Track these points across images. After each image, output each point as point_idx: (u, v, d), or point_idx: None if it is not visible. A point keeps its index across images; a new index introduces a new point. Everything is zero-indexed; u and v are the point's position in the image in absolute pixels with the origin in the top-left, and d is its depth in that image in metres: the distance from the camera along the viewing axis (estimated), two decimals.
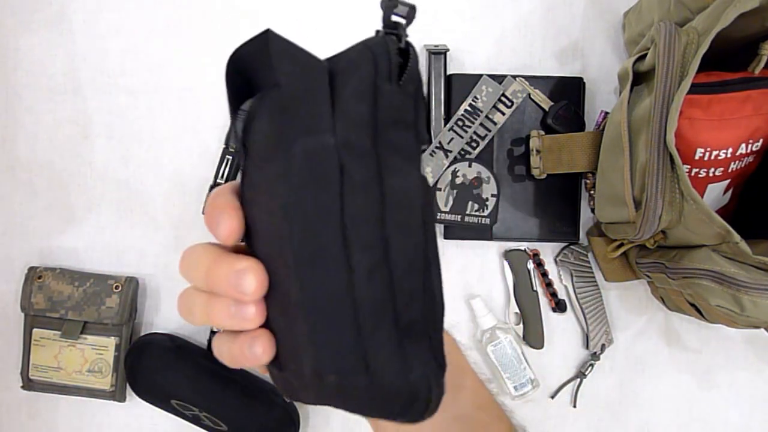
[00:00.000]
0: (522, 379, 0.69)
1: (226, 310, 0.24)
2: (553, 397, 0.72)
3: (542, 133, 0.67)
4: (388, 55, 0.24)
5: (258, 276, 0.24)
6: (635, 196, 0.55)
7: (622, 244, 0.63)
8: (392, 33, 0.25)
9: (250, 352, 0.25)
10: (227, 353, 0.26)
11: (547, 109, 0.68)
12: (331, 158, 0.23)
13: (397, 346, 0.24)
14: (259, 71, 0.25)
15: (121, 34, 0.72)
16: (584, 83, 0.70)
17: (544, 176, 0.68)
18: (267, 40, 0.23)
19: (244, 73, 0.26)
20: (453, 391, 0.32)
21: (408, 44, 0.25)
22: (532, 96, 0.68)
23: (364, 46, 0.24)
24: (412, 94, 0.25)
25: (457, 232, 0.70)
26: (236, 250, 0.27)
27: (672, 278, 0.57)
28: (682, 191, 0.51)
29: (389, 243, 0.23)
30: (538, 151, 0.67)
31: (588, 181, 0.69)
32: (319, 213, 0.23)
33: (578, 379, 0.71)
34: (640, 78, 0.58)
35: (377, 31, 0.25)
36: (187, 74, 0.72)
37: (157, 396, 0.67)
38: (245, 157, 0.25)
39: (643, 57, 0.56)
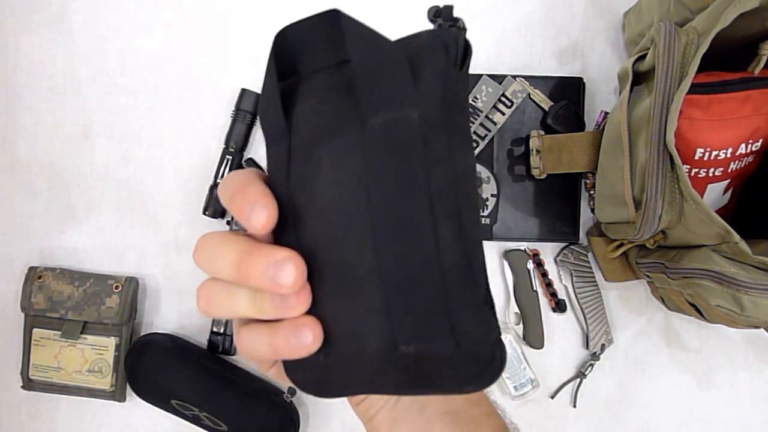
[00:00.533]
0: (522, 379, 0.70)
1: (270, 301, 0.24)
2: (553, 397, 0.72)
3: (542, 133, 0.67)
4: (457, 44, 0.26)
5: (298, 266, 0.23)
6: (635, 196, 0.55)
7: (622, 244, 0.63)
8: (454, 26, 0.26)
9: (298, 342, 0.24)
10: (266, 346, 0.25)
11: (547, 109, 0.68)
12: (415, 131, 0.23)
13: (479, 310, 0.25)
14: (307, 51, 0.26)
15: (121, 34, 0.72)
16: (584, 83, 0.70)
17: (544, 176, 0.68)
18: (333, 18, 0.25)
19: (290, 51, 0.26)
20: None
21: (467, 39, 0.26)
22: (531, 96, 0.68)
23: (434, 34, 0.26)
24: (467, 84, 0.26)
25: None
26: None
27: (672, 278, 0.57)
28: (682, 191, 0.51)
29: (461, 215, 0.24)
30: (537, 151, 0.67)
31: (588, 181, 0.69)
32: (405, 182, 0.23)
33: (578, 379, 0.71)
34: (640, 78, 0.58)
35: (439, 25, 0.27)
36: (187, 74, 0.72)
37: (157, 396, 0.67)
38: (290, 137, 0.26)
39: (643, 57, 0.56)
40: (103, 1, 0.72)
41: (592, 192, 0.69)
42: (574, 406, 0.72)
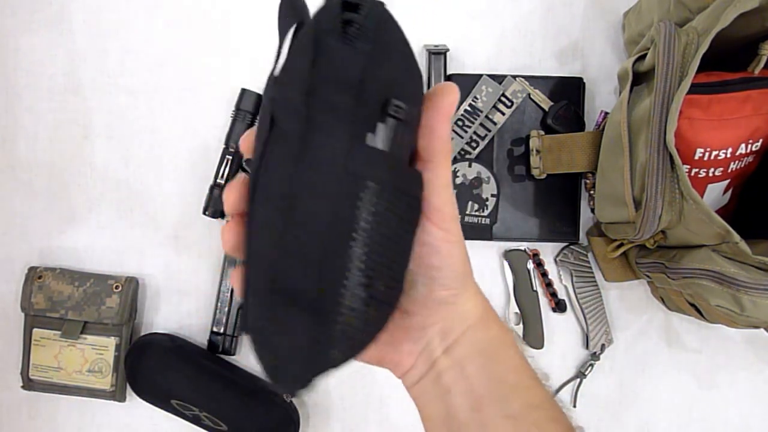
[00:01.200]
0: None
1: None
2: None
3: (542, 133, 0.67)
4: (329, 7, 0.24)
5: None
6: (635, 196, 0.55)
7: (622, 244, 0.63)
8: None
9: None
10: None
11: (546, 109, 0.68)
12: (266, 111, 0.25)
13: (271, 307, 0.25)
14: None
15: (121, 34, 0.72)
16: (584, 83, 0.70)
17: (543, 176, 0.68)
18: None
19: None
20: (504, 389, 0.31)
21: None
22: (532, 96, 0.68)
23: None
24: (366, 52, 0.24)
25: None
26: None
27: (672, 278, 0.57)
28: (682, 191, 0.51)
29: (296, 198, 0.24)
30: (537, 151, 0.67)
31: (588, 181, 0.69)
32: (255, 158, 0.25)
33: (578, 379, 0.71)
34: (640, 78, 0.58)
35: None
36: (187, 74, 0.72)
37: (157, 396, 0.67)
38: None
39: (642, 57, 0.56)
40: (103, 1, 0.72)
41: (592, 192, 0.69)
42: (574, 406, 0.72)
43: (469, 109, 0.68)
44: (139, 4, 0.72)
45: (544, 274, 0.71)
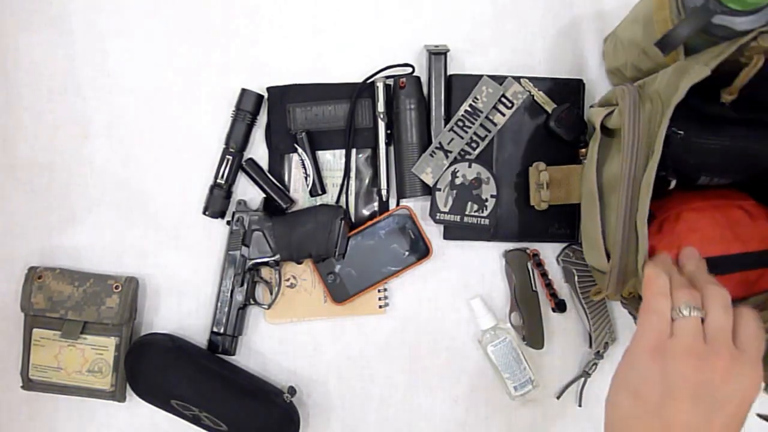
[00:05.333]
0: (522, 379, 0.70)
1: None
2: (558, 398, 0.72)
3: (542, 166, 0.66)
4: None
5: None
6: (608, 249, 0.54)
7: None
8: None
9: None
10: None
11: (549, 111, 0.68)
12: None
13: None
14: None
15: (121, 34, 0.72)
16: (584, 84, 0.70)
17: (545, 207, 0.67)
18: None
19: None
20: None
21: None
22: (535, 97, 0.68)
23: None
24: None
25: (456, 232, 0.70)
26: None
27: None
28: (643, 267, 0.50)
29: None
30: (540, 185, 0.65)
31: None
32: None
33: (582, 379, 0.71)
34: (610, 132, 0.57)
35: None
36: (187, 74, 0.72)
37: (157, 396, 0.67)
38: None
39: (611, 113, 0.55)
40: (103, 1, 0.72)
41: None
42: (580, 406, 0.72)
43: (469, 109, 0.68)
44: (139, 4, 0.72)
45: (544, 274, 0.71)
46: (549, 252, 0.72)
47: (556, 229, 0.69)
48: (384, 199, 0.71)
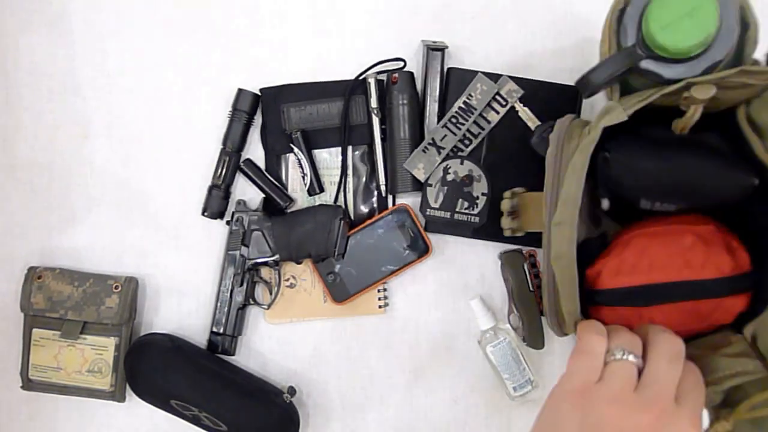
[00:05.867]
0: (522, 380, 0.69)
1: None
2: None
3: (515, 192, 0.64)
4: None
5: None
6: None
7: None
8: None
9: None
10: None
11: (533, 129, 0.67)
12: None
13: None
14: None
15: (121, 34, 0.72)
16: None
17: (520, 234, 0.65)
18: None
19: None
20: None
21: None
22: (519, 113, 0.68)
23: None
24: None
25: (437, 226, 0.69)
26: None
27: None
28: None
29: None
30: (511, 213, 0.63)
31: None
32: None
33: None
34: None
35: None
36: (187, 74, 0.72)
37: (157, 396, 0.67)
38: None
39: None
40: (103, 1, 0.72)
41: None
42: None
43: (463, 106, 0.68)
44: (138, 4, 0.72)
45: (537, 275, 0.70)
46: None
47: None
48: (383, 194, 0.71)
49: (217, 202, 0.69)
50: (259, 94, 0.70)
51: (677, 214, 0.51)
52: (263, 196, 0.70)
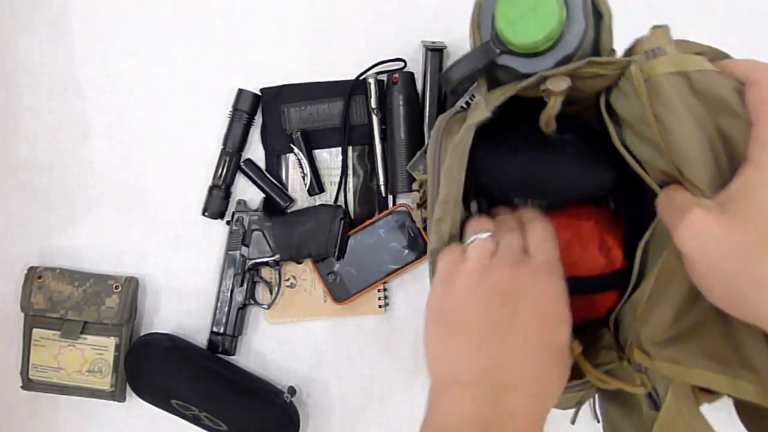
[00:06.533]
0: None
1: None
2: (573, 423, 0.68)
3: (422, 180, 0.61)
4: None
5: None
6: None
7: None
8: None
9: None
10: None
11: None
12: None
13: None
14: None
15: (121, 34, 0.72)
16: None
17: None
18: None
19: None
20: None
21: None
22: None
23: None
24: None
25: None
26: None
27: None
28: None
29: None
30: (421, 204, 0.61)
31: None
32: None
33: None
34: None
35: None
36: (187, 74, 0.72)
37: (157, 396, 0.67)
38: None
39: None
40: (103, 1, 0.72)
41: None
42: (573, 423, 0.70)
43: (465, 107, 0.68)
44: (138, 4, 0.72)
45: None
46: None
47: None
48: (383, 194, 0.71)
49: (217, 202, 0.69)
50: (260, 94, 0.70)
51: (562, 207, 0.51)
52: (263, 196, 0.70)
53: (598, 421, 0.69)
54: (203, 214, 0.70)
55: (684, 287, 0.38)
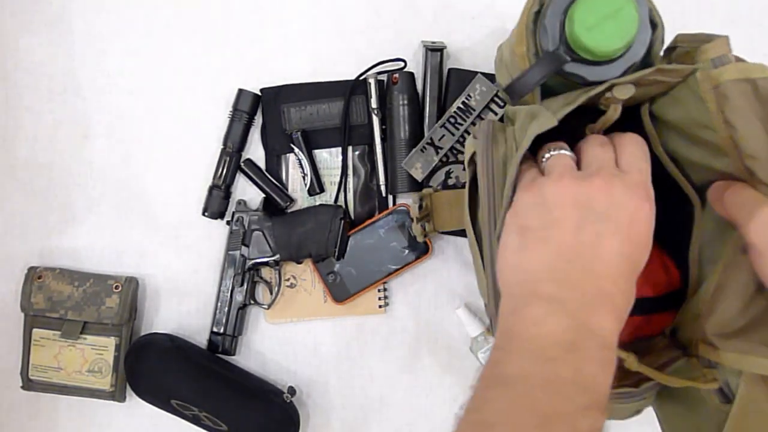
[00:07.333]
0: None
1: None
2: None
3: (423, 194, 0.63)
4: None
5: None
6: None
7: None
8: None
9: None
10: None
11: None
12: None
13: None
14: None
15: (121, 34, 0.72)
16: None
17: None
18: None
19: None
20: None
21: None
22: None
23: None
24: None
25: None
26: None
27: None
28: None
29: None
30: (420, 219, 0.62)
31: None
32: None
33: None
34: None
35: None
36: (187, 74, 0.72)
37: (157, 396, 0.67)
38: None
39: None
40: (103, 1, 0.72)
41: None
42: None
43: (461, 106, 0.67)
44: (139, 4, 0.72)
45: None
46: None
47: None
48: (383, 194, 0.71)
49: (217, 202, 0.69)
50: (260, 94, 0.70)
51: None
52: (263, 196, 0.70)
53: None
54: (203, 214, 0.70)
55: (749, 279, 0.39)
